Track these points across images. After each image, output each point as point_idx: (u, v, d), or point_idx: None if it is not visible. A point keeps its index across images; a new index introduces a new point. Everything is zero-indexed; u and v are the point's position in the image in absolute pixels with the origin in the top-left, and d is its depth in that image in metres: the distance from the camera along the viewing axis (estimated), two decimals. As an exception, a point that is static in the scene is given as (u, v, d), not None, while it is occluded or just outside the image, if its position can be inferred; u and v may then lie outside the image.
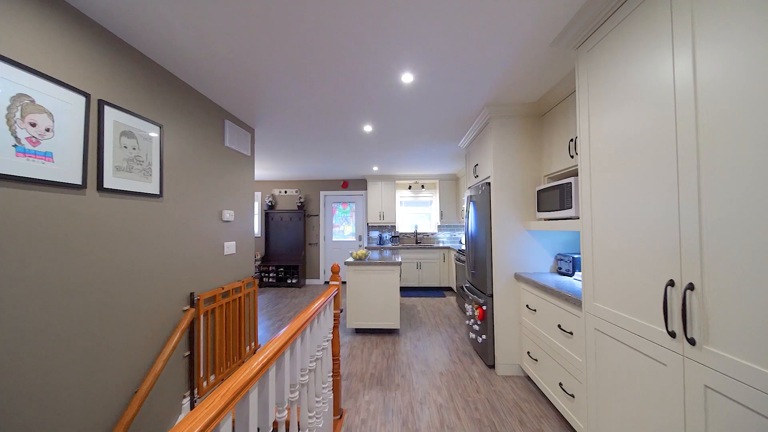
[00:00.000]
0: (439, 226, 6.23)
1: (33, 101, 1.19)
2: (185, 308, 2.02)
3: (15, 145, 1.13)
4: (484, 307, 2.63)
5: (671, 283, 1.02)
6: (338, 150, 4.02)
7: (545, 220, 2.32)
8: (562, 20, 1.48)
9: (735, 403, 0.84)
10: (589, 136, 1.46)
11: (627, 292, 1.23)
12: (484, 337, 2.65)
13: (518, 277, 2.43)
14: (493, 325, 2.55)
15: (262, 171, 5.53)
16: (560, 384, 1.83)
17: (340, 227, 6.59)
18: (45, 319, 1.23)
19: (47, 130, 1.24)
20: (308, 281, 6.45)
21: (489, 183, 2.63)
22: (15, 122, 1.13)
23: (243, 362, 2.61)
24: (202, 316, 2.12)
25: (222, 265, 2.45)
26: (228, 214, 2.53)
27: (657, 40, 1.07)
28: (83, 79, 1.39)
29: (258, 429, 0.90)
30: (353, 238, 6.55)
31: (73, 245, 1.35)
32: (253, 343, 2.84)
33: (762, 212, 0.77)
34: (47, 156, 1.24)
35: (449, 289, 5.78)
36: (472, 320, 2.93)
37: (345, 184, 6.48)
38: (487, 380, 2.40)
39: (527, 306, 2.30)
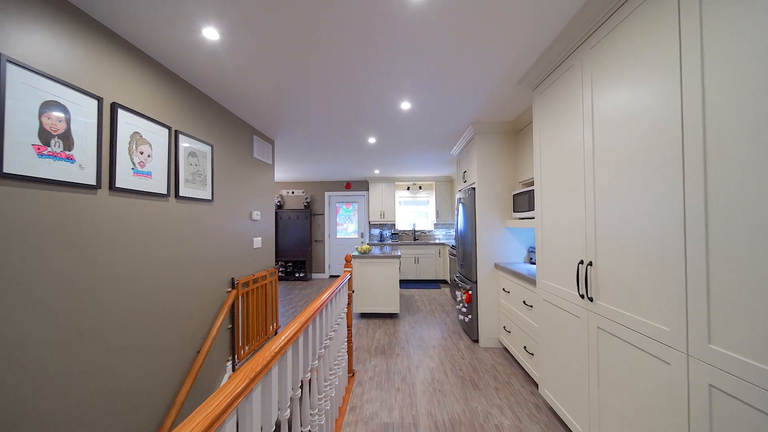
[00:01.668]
0: (435, 224, 6.74)
1: (141, 136, 1.68)
2: (228, 290, 2.52)
3: (132, 168, 1.63)
4: (470, 292, 3.14)
5: (581, 262, 1.53)
6: (344, 156, 4.52)
7: (519, 219, 2.82)
8: (524, 68, 1.98)
9: (614, 336, 1.34)
10: (541, 153, 1.97)
11: (560, 269, 1.74)
12: (470, 317, 3.16)
13: (497, 266, 2.94)
14: (477, 307, 3.06)
15: (272, 173, 6.01)
16: (524, 347, 2.34)
17: (344, 225, 7.09)
18: (147, 291, 1.74)
19: (148, 156, 1.73)
20: (314, 275, 6.96)
21: (474, 188, 3.13)
22: (132, 152, 1.63)
23: (268, 339, 3.12)
24: (240, 297, 2.62)
25: (252, 257, 2.95)
26: (256, 215, 3.02)
27: (578, 88, 1.57)
28: (167, 116, 1.88)
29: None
30: (356, 236, 7.05)
31: (161, 238, 1.84)
32: (275, 323, 3.35)
33: (625, 211, 1.27)
34: (149, 175, 1.73)
35: (444, 281, 6.30)
36: (461, 304, 3.44)
37: (348, 185, 6.98)
38: (471, 351, 2.92)
39: (503, 289, 2.81)
